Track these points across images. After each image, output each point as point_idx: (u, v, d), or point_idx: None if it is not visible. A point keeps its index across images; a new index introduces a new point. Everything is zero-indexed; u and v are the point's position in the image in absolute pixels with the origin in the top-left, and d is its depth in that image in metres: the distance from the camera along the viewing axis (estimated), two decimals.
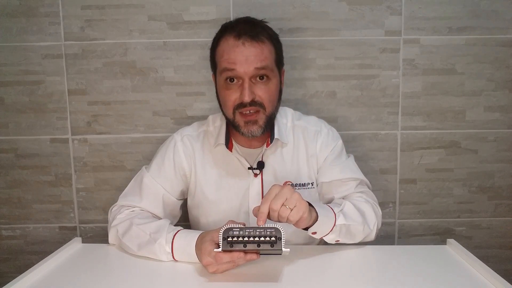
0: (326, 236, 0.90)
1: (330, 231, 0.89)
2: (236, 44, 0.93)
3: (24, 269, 0.84)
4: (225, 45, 0.95)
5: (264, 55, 0.94)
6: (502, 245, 1.35)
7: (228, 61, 0.93)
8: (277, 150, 1.04)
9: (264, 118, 0.96)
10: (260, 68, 0.93)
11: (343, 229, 0.91)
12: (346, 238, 0.93)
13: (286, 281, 0.81)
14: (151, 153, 1.23)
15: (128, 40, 1.26)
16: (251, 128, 0.95)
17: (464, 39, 1.26)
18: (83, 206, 1.33)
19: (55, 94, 1.28)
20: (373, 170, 1.31)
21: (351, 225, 0.91)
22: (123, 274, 0.87)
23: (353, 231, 0.93)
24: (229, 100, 0.95)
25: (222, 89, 0.97)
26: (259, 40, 0.94)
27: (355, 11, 1.25)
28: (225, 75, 0.94)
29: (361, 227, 0.93)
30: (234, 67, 0.92)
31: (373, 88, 1.28)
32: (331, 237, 0.91)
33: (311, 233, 0.88)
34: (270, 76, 0.95)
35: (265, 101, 0.95)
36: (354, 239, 0.95)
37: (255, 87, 0.94)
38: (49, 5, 1.24)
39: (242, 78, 0.93)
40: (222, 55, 0.95)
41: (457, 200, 1.33)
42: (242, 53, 0.92)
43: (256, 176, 1.03)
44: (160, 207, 1.03)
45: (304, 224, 0.84)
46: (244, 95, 0.92)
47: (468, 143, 1.30)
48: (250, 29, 0.94)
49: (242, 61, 0.92)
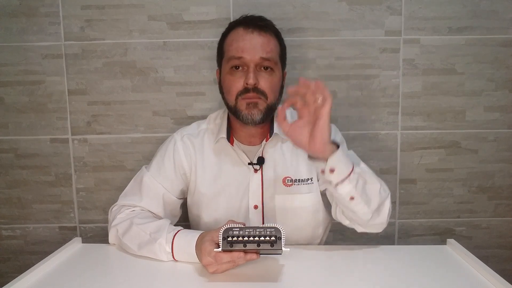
0: (342, 184, 0.84)
1: (348, 175, 0.83)
2: (245, 32, 0.98)
3: (24, 269, 0.84)
4: (234, 34, 0.99)
5: (270, 47, 0.98)
6: (502, 245, 1.35)
7: (237, 49, 0.97)
8: (277, 146, 1.04)
9: (265, 105, 0.98)
10: (265, 59, 0.96)
11: (360, 182, 0.86)
12: (363, 197, 0.86)
13: (286, 281, 0.81)
14: (151, 153, 1.23)
15: (128, 40, 1.26)
16: (252, 111, 0.97)
17: (464, 39, 1.26)
18: (83, 206, 1.33)
19: (55, 94, 1.28)
20: (373, 170, 1.28)
21: (368, 178, 0.88)
22: (123, 274, 0.87)
23: (370, 189, 0.88)
24: (233, 86, 0.97)
25: (227, 76, 0.99)
26: (267, 31, 0.99)
27: (355, 11, 1.25)
28: (232, 63, 0.97)
29: (377, 185, 0.89)
30: (241, 54, 0.96)
31: (373, 88, 1.28)
32: (348, 188, 0.84)
33: (329, 170, 0.82)
34: (274, 69, 0.98)
35: (267, 90, 0.97)
36: (369, 203, 0.88)
37: (259, 75, 0.97)
38: (49, 5, 1.24)
39: (248, 65, 0.96)
40: (231, 43, 0.99)
41: (457, 200, 1.33)
42: (250, 41, 0.96)
43: (256, 172, 1.03)
44: (161, 207, 1.03)
45: (325, 136, 0.82)
46: (249, 78, 0.95)
47: (468, 143, 1.30)
48: (259, 20, 1.00)
49: (249, 49, 0.96)
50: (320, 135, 0.82)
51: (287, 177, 1.03)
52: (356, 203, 0.86)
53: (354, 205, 0.87)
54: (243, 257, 0.79)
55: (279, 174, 1.03)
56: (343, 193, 0.85)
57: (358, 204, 0.87)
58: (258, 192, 1.03)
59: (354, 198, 0.86)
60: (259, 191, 1.03)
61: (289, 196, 1.02)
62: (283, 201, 1.02)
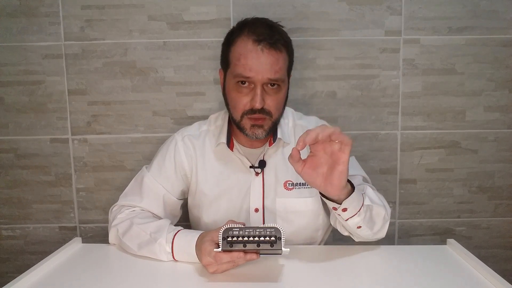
0: (352, 218, 0.84)
1: (359, 210, 0.83)
2: (255, 49, 0.93)
3: (24, 269, 0.84)
4: (242, 47, 0.95)
5: (279, 66, 0.94)
6: (502, 245, 1.35)
7: (244, 67, 0.93)
8: (279, 150, 1.04)
9: (270, 123, 0.97)
10: (273, 80, 0.94)
11: (368, 213, 0.86)
12: (368, 225, 0.88)
13: (286, 281, 0.81)
14: (151, 153, 1.23)
15: (128, 40, 1.26)
16: (256, 132, 0.97)
17: (464, 39, 1.26)
18: (83, 206, 1.33)
19: (55, 94, 1.28)
20: (373, 170, 1.31)
21: (374, 208, 0.88)
22: (123, 274, 0.87)
23: (375, 216, 0.89)
24: (240, 103, 0.96)
25: (232, 90, 0.97)
26: (277, 49, 0.94)
27: (355, 11, 1.25)
28: (238, 79, 0.95)
29: (383, 212, 0.90)
30: (249, 74, 0.93)
31: (373, 88, 1.28)
32: (356, 220, 0.85)
33: (342, 210, 0.82)
34: (281, 86, 0.96)
35: (272, 109, 0.96)
36: (373, 227, 0.90)
37: (266, 95, 0.95)
38: (49, 5, 1.24)
39: (255, 84, 0.94)
40: (238, 58, 0.94)
41: (457, 200, 1.33)
42: (259, 60, 0.92)
43: (258, 175, 1.03)
44: (161, 207, 1.03)
45: (342, 182, 0.78)
46: (256, 101, 0.93)
47: (468, 143, 1.30)
48: (270, 36, 0.93)
49: (258, 69, 0.92)
50: (338, 181, 0.78)
51: (288, 181, 1.03)
52: (361, 230, 0.89)
53: (359, 231, 0.90)
54: (243, 257, 0.78)
55: (280, 178, 1.03)
56: (351, 224, 0.87)
57: (363, 230, 0.89)
58: (259, 195, 1.02)
59: (361, 227, 0.88)
60: (260, 194, 1.02)
61: (290, 200, 1.02)
62: (284, 205, 1.02)
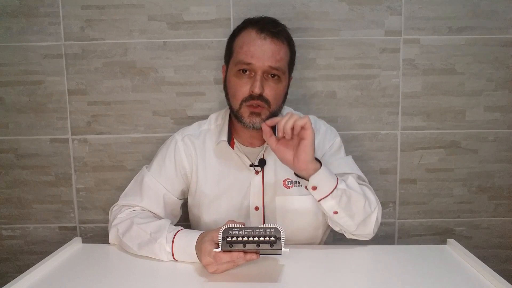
0: (325, 200, 0.88)
1: (330, 192, 0.87)
2: (257, 37, 0.96)
3: (24, 269, 0.84)
4: (246, 36, 0.98)
5: (281, 56, 0.97)
6: (502, 245, 1.35)
7: (246, 53, 0.95)
8: None
9: (268, 113, 0.98)
10: (273, 68, 0.95)
11: (344, 198, 0.89)
12: (346, 212, 0.90)
13: (286, 281, 0.81)
14: (151, 153, 1.23)
15: (128, 40, 1.26)
16: (253, 120, 0.97)
17: (464, 39, 1.26)
18: (83, 206, 1.33)
19: (55, 94, 1.28)
20: (373, 170, 1.31)
21: (352, 195, 0.89)
22: (123, 274, 0.87)
23: (354, 205, 0.90)
24: (239, 90, 0.97)
25: (233, 78, 0.99)
26: (279, 39, 0.97)
27: (355, 11, 1.25)
28: (239, 66, 0.96)
29: (362, 201, 0.91)
30: (250, 60, 0.95)
31: (373, 88, 1.28)
32: (331, 204, 0.88)
33: (311, 187, 0.87)
34: (281, 78, 0.98)
35: (271, 98, 0.97)
36: (353, 217, 0.91)
37: (266, 83, 0.96)
38: (49, 5, 1.24)
39: (255, 71, 0.95)
40: (241, 46, 0.97)
41: (457, 200, 1.33)
42: (261, 47, 0.95)
43: (257, 174, 1.03)
44: (161, 207, 1.03)
45: (308, 156, 0.86)
46: (255, 87, 0.94)
47: (468, 143, 1.30)
48: (273, 26, 0.97)
49: (259, 56, 0.95)
50: (304, 155, 0.86)
51: (287, 179, 1.03)
52: (339, 217, 0.91)
53: (338, 219, 0.92)
54: (242, 257, 0.79)
55: (279, 176, 1.03)
56: (326, 208, 0.90)
57: (341, 218, 0.92)
58: (259, 193, 1.03)
59: (338, 213, 0.90)
60: (260, 192, 1.03)
61: (290, 198, 1.02)
62: (283, 203, 1.02)
